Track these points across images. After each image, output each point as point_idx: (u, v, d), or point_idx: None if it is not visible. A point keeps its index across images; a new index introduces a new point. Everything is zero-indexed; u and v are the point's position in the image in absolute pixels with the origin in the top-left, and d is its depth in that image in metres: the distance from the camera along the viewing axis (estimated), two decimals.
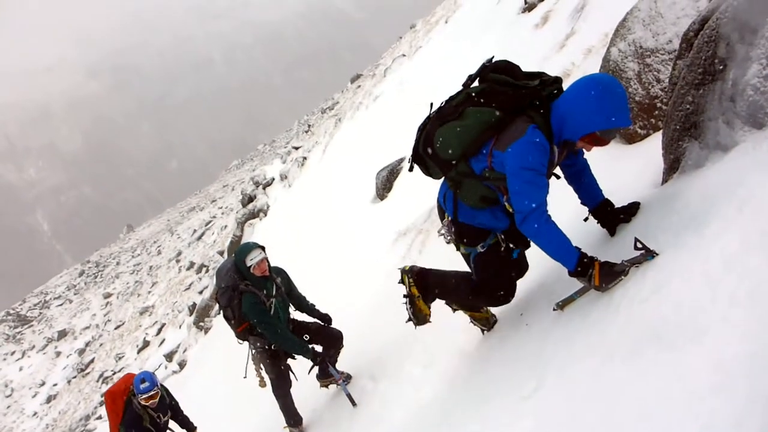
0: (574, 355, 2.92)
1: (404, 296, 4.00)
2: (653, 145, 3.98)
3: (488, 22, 13.73)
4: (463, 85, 3.37)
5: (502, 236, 3.54)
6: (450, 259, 4.28)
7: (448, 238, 3.66)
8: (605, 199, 3.48)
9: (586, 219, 3.56)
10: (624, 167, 3.27)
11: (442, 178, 3.64)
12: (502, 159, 3.15)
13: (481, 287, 3.67)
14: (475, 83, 3.36)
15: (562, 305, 3.24)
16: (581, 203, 3.56)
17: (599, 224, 3.51)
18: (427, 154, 3.47)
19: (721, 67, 2.84)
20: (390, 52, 31.59)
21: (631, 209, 3.37)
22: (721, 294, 2.22)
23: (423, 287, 3.91)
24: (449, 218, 3.60)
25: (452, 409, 3.85)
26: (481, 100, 3.24)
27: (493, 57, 3.40)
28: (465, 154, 3.31)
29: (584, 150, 3.32)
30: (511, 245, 3.54)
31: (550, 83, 3.23)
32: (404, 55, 22.31)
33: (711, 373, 2.00)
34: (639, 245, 2.84)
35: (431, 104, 3.59)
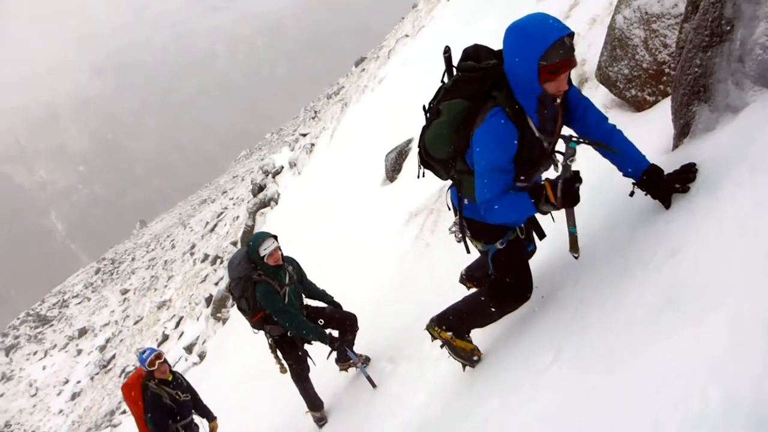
0: (589, 326, 2.91)
1: (441, 347, 4.00)
2: (662, 111, 3.94)
3: None
4: (441, 81, 3.30)
5: (521, 227, 3.51)
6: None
7: (459, 236, 3.60)
8: (652, 165, 3.04)
9: (631, 193, 3.13)
10: (633, 135, 3.20)
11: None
12: (472, 151, 3.11)
13: (502, 286, 3.57)
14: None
15: (573, 249, 3.26)
16: (624, 176, 3.15)
17: (649, 196, 3.06)
18: (429, 157, 3.43)
19: (728, 28, 2.79)
20: (393, 33, 31.36)
21: (687, 174, 2.88)
22: (737, 257, 2.21)
23: (449, 328, 3.87)
24: (458, 215, 3.56)
25: (471, 386, 3.86)
26: (451, 93, 3.16)
27: (447, 46, 3.32)
28: (455, 150, 3.24)
29: (589, 103, 3.13)
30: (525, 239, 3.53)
31: None
32: (407, 36, 22.14)
33: (728, 338, 1.99)
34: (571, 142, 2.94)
35: (423, 107, 3.50)
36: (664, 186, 2.96)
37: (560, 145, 3.16)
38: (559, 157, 3.17)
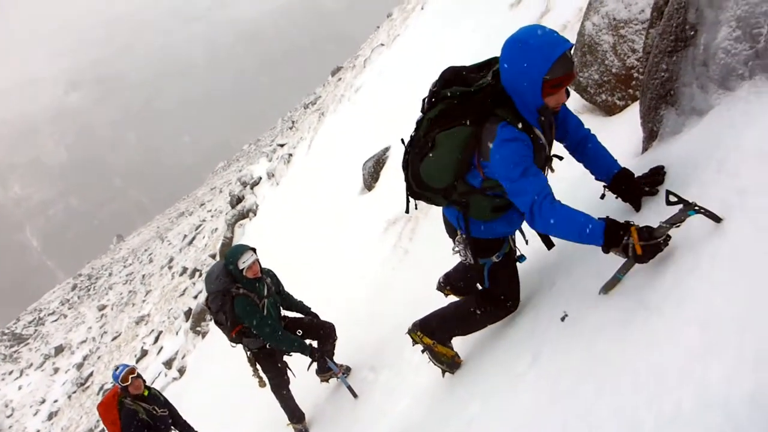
0: (566, 329, 2.94)
1: (422, 352, 4.01)
2: (632, 115, 4.00)
3: (464, 4, 13.71)
4: (421, 111, 3.22)
5: (513, 238, 3.53)
6: (439, 242, 4.29)
7: (465, 255, 3.53)
8: (622, 168, 3.11)
9: (602, 196, 3.20)
10: (605, 139, 3.26)
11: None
12: (490, 167, 3.01)
13: (494, 298, 3.60)
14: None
15: (607, 289, 2.80)
16: (596, 179, 3.23)
17: (620, 199, 3.14)
18: (423, 189, 3.35)
19: (692, 33, 2.85)
20: (368, 42, 31.48)
21: (656, 177, 2.97)
22: (705, 256, 2.25)
23: (431, 333, 3.88)
24: (462, 235, 3.47)
25: (452, 391, 3.88)
26: (445, 122, 3.07)
27: (436, 81, 3.19)
28: (456, 176, 3.17)
29: (567, 108, 3.18)
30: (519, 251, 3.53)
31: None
32: (383, 45, 22.24)
33: (700, 336, 2.03)
34: (672, 199, 2.45)
35: (402, 140, 3.47)
36: (634, 189, 3.03)
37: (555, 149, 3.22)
38: (556, 162, 3.24)
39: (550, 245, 3.44)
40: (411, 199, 3.53)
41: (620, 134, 4.00)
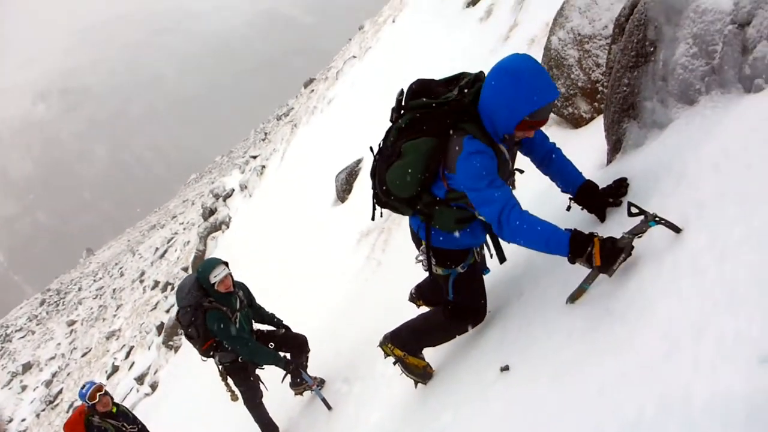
0: (534, 338, 3.00)
1: (394, 364, 4.04)
2: (597, 127, 4.10)
3: (435, 18, 13.87)
4: (390, 120, 3.28)
5: (478, 250, 3.58)
6: (411, 253, 4.33)
7: (426, 265, 3.57)
8: (587, 181, 3.19)
9: (568, 208, 3.29)
10: (571, 151, 3.34)
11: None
12: (455, 179, 3.05)
13: (460, 308, 3.64)
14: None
15: (573, 298, 2.84)
16: (562, 191, 3.31)
17: (586, 210, 3.21)
18: (388, 197, 3.38)
19: (651, 49, 2.95)
20: (341, 54, 31.61)
21: (619, 189, 3.04)
22: (665, 266, 2.33)
23: (402, 345, 3.91)
24: (425, 245, 3.51)
25: (425, 402, 3.91)
26: (412, 132, 3.11)
27: (402, 89, 3.25)
28: (422, 187, 3.21)
29: (532, 136, 3.16)
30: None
31: (472, 83, 3.06)
32: (355, 57, 22.35)
33: (660, 344, 2.09)
34: (634, 210, 2.52)
35: (371, 147, 3.51)
36: (599, 201, 3.11)
37: (518, 164, 3.28)
38: (518, 175, 3.30)
39: (502, 259, 3.52)
40: (377, 207, 3.57)
41: (586, 146, 4.10)
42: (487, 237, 3.57)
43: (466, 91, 3.01)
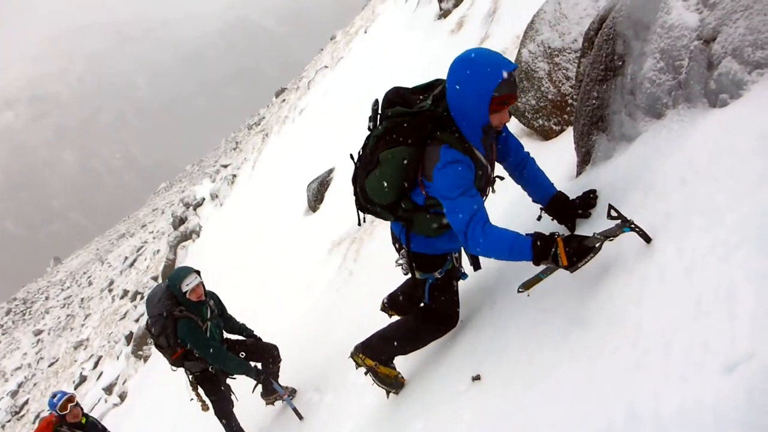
0: (507, 347, 3.03)
1: (365, 374, 4.02)
2: (567, 140, 4.16)
3: (406, 28, 13.97)
4: (368, 129, 3.30)
5: (457, 256, 3.61)
6: (384, 263, 4.35)
7: (406, 269, 3.62)
8: (558, 192, 3.26)
9: (539, 218, 3.35)
10: (542, 162, 3.39)
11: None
12: (433, 187, 3.08)
13: (433, 313, 3.67)
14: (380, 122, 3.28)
15: (526, 286, 2.91)
16: (533, 201, 3.37)
17: (556, 221, 3.26)
18: (369, 203, 3.42)
19: (620, 63, 3.01)
20: (313, 64, 31.62)
21: (588, 201, 3.09)
22: (635, 275, 2.37)
23: (373, 355, 3.91)
24: (405, 250, 3.55)
25: (396, 411, 3.91)
26: (389, 141, 3.14)
27: (377, 99, 3.28)
28: (401, 194, 3.27)
29: (509, 130, 3.29)
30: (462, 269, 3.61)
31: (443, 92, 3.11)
32: (326, 67, 22.38)
33: (631, 352, 2.12)
34: (613, 213, 2.52)
35: (351, 155, 3.52)
36: (569, 211, 3.17)
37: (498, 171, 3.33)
38: (498, 182, 3.36)
39: (477, 266, 3.56)
40: (361, 213, 3.60)
41: (556, 158, 4.15)
42: None
43: (439, 99, 3.06)
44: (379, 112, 3.24)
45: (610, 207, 2.52)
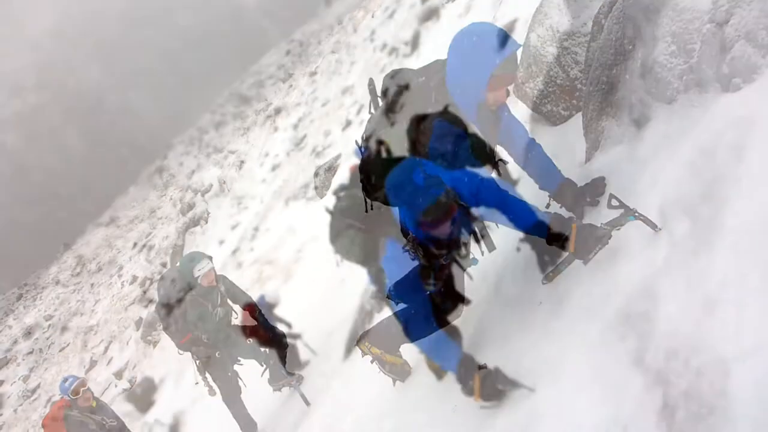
0: (511, 337, 3.04)
1: (371, 362, 3.98)
2: (576, 125, 4.11)
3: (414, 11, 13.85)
4: (369, 111, 3.30)
5: (465, 242, 3.57)
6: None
7: (413, 255, 3.54)
8: (566, 179, 3.23)
9: (548, 205, 3.31)
10: (549, 148, 3.34)
11: None
12: (429, 164, 2.97)
13: (438, 301, 3.56)
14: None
15: (551, 277, 2.92)
16: (540, 188, 3.32)
17: (564, 209, 3.22)
18: (377, 190, 3.30)
19: (630, 47, 2.95)
20: (321, 50, 31.44)
21: (596, 188, 3.07)
22: (642, 264, 2.33)
23: (379, 344, 3.88)
24: (412, 235, 3.46)
25: (402, 399, 3.90)
26: (389, 121, 3.11)
27: (372, 79, 3.28)
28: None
29: (513, 116, 3.23)
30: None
31: (439, 69, 3.05)
32: (334, 53, 22.27)
33: (637, 342, 2.10)
34: (615, 203, 2.52)
35: (356, 141, 3.46)
36: (577, 199, 3.13)
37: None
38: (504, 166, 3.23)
39: (491, 247, 3.42)
40: (368, 200, 3.52)
41: (565, 144, 4.09)
42: (474, 226, 3.54)
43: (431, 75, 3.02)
44: (378, 93, 3.21)
45: (611, 196, 2.50)
